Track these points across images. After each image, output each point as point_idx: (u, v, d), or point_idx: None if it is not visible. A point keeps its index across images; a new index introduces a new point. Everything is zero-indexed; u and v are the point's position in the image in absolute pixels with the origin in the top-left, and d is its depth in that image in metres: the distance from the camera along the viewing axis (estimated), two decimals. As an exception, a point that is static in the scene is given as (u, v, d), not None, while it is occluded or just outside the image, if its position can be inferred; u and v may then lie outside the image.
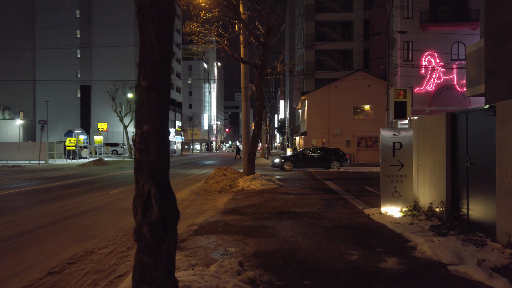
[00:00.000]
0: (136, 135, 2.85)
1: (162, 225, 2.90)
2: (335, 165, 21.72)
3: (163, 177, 2.92)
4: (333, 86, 31.56)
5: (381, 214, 7.32)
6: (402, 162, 7.36)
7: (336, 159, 21.82)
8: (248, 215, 7.87)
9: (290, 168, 21.45)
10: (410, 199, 7.39)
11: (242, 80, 15.18)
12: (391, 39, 20.94)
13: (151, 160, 2.82)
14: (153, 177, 2.83)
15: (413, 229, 5.91)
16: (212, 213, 8.30)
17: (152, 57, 2.68)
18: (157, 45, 2.67)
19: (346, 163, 22.29)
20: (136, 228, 2.94)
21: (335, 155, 22.10)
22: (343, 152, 22.97)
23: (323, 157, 22.07)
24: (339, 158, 21.93)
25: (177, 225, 3.10)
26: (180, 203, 10.05)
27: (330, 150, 22.93)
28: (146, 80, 2.71)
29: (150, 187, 2.83)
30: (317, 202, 9.47)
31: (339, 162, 21.82)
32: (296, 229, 6.34)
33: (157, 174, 2.85)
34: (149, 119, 2.75)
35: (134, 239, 2.98)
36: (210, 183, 12.92)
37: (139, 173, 2.88)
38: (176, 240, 3.07)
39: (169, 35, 2.75)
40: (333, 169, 21.31)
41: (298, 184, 13.86)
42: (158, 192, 2.84)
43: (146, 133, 2.77)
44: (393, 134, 7.40)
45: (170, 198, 2.97)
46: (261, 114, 13.82)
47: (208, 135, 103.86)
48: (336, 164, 21.75)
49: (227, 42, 13.86)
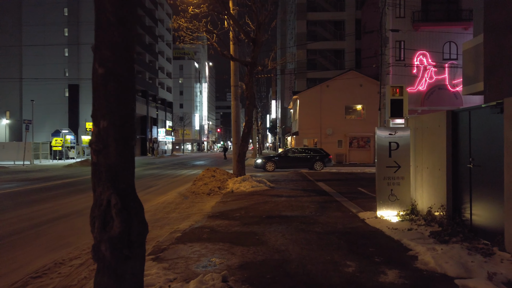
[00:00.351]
0: (92, 133, 2.37)
1: (126, 241, 2.41)
2: (318, 166, 21.31)
3: (127, 184, 2.44)
4: (325, 86, 31.22)
5: (377, 219, 6.90)
6: (399, 163, 6.96)
7: (319, 159, 21.42)
8: (236, 219, 7.41)
9: (272, 169, 20.99)
10: (407, 203, 6.99)
11: (232, 78, 14.71)
12: (384, 37, 20.60)
13: (110, 163, 2.34)
14: (113, 183, 2.35)
15: (412, 236, 5.50)
16: (198, 218, 7.81)
17: (110, 38, 2.20)
18: (115, 24, 2.19)
19: (329, 164, 21.91)
20: (94, 245, 2.46)
21: (319, 155, 21.70)
22: (326, 152, 22.64)
23: (306, 157, 21.64)
24: (322, 158, 21.53)
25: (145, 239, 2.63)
26: (165, 207, 9.55)
27: (314, 150, 22.54)
28: (102, 66, 2.23)
29: (109, 196, 2.35)
30: (310, 205, 9.03)
31: (322, 163, 21.41)
32: (287, 236, 5.89)
33: (118, 180, 2.37)
34: (108, 114, 2.27)
35: (93, 259, 2.50)
36: (198, 185, 12.42)
37: (96, 179, 2.39)
38: (143, 258, 2.59)
39: (131, 11, 2.27)
40: (316, 170, 20.89)
41: (289, 185, 13.42)
42: (120, 201, 2.36)
43: (104, 131, 2.29)
44: (390, 133, 7.00)
45: (136, 208, 2.49)
46: (251, 114, 13.36)
47: (200, 135, 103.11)
48: (319, 165, 21.34)
49: (216, 38, 13.38)
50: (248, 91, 13.07)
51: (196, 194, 11.72)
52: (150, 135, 58.41)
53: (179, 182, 15.98)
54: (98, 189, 2.38)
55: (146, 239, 6.19)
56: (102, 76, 2.22)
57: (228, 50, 14.08)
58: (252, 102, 13.18)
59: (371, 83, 30.44)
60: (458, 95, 29.45)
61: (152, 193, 12.51)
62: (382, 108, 20.94)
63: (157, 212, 8.77)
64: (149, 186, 14.49)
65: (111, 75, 2.22)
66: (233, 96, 14.46)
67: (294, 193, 11.21)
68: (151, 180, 16.70)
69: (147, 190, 13.25)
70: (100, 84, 2.23)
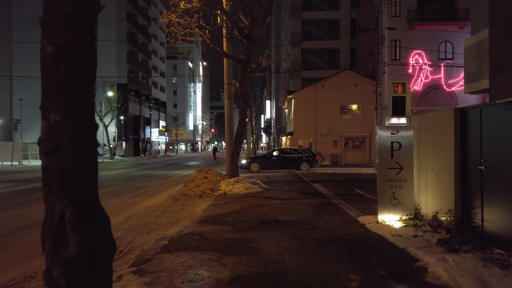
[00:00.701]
0: (42, 129, 1.90)
1: (86, 263, 1.93)
2: (304, 167, 20.89)
3: (87, 192, 1.96)
4: (320, 85, 30.84)
5: (378, 224, 6.47)
6: (402, 165, 6.53)
7: (305, 160, 21.00)
8: (228, 224, 6.94)
9: (256, 170, 20.59)
10: (410, 207, 6.56)
11: (225, 76, 14.24)
12: (381, 35, 20.24)
13: (64, 167, 1.86)
14: (68, 193, 1.87)
15: (418, 243, 5.07)
16: (188, 222, 7.33)
17: (61, 7, 1.73)
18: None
19: (316, 165, 21.47)
20: (45, 270, 1.98)
21: (304, 156, 21.29)
22: (313, 153, 22.25)
23: (291, 158, 21.20)
24: (308, 159, 21.10)
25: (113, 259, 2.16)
26: (154, 210, 9.06)
27: (300, 151, 22.12)
28: (52, 44, 1.75)
29: (63, 208, 1.87)
30: (306, 208, 8.59)
31: (308, 164, 20.98)
32: (282, 244, 5.43)
33: (75, 189, 1.89)
34: (60, 105, 1.80)
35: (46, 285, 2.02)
36: (190, 187, 11.93)
37: (47, 187, 1.91)
38: (110, 283, 2.12)
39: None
40: (302, 171, 20.46)
41: (284, 187, 12.98)
42: (77, 215, 1.88)
43: (55, 126, 1.81)
44: (392, 133, 6.57)
45: (99, 223, 2.02)
46: (245, 112, 12.89)
47: (194, 136, 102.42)
48: (305, 166, 20.92)
49: (208, 35, 12.90)
50: (242, 89, 12.60)
51: (187, 196, 11.23)
52: (143, 135, 57.72)
53: (170, 184, 15.47)
54: (49, 200, 1.90)
55: (130, 247, 5.70)
56: (52, 57, 1.75)
57: (221, 48, 13.60)
58: (246, 101, 12.71)
59: (366, 83, 30.11)
60: (454, 95, 29.22)
61: (141, 195, 12.00)
62: (378, 108, 20.57)
63: (145, 216, 8.28)
64: (139, 188, 13.97)
65: (64, 55, 1.75)
66: (226, 94, 13.99)
67: (289, 196, 10.76)
68: (142, 182, 16.17)
69: (136, 192, 12.73)
70: (50, 67, 1.76)
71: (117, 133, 48.35)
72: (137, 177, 18.13)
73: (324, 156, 30.05)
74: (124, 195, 11.93)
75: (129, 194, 12.09)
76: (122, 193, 12.27)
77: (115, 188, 13.54)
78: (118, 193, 12.35)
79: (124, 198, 11.32)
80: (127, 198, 11.33)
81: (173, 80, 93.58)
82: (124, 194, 12.03)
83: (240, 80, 12.67)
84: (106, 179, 17.47)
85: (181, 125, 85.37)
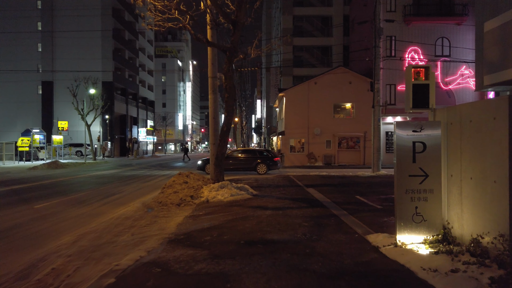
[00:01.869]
0: None
1: None
2: (261, 169, 19.44)
3: None
4: (313, 83, 29.43)
5: (397, 247, 5.02)
6: (426, 171, 5.09)
7: (262, 162, 19.55)
8: (204, 247, 5.43)
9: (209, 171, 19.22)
10: (437, 225, 5.12)
11: (209, 69, 12.70)
12: (378, 28, 18.87)
13: None
14: None
15: (464, 284, 3.62)
16: (154, 244, 5.81)
17: None
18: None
19: (275, 167, 20.03)
20: None
21: (262, 158, 19.86)
22: (273, 154, 20.86)
23: (248, 159, 19.72)
24: (265, 161, 19.65)
25: None
26: (119, 224, 7.50)
27: (258, 152, 20.69)
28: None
29: None
30: (302, 221, 7.11)
31: (266, 166, 19.50)
32: (273, 282, 3.95)
33: None
34: None
35: None
36: (167, 193, 10.38)
37: None
38: None
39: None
40: (260, 174, 19.01)
41: (275, 192, 11.49)
42: None
43: None
44: (413, 130, 5.12)
45: None
46: (231, 108, 11.36)
47: (183, 135, 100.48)
48: (262, 168, 19.45)
49: (190, 21, 11.36)
50: (227, 81, 11.08)
51: (163, 205, 9.68)
52: (130, 135, 55.78)
53: (149, 188, 13.88)
54: None
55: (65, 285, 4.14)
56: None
57: (204, 35, 12.07)
58: (232, 95, 11.18)
59: (360, 80, 28.80)
60: (450, 93, 28.08)
61: (111, 203, 10.40)
62: (376, 105, 19.22)
63: (104, 234, 6.72)
64: (112, 194, 12.36)
65: None
66: (211, 89, 12.45)
67: (281, 204, 9.28)
68: (117, 186, 14.54)
69: (106, 199, 11.12)
70: None
71: (102, 132, 46.41)
72: (114, 181, 16.48)
73: (317, 157, 28.66)
74: (90, 203, 10.32)
75: (97, 202, 10.49)
76: (89, 201, 10.65)
77: (83, 195, 11.92)
78: (84, 201, 10.73)
79: (89, 207, 9.72)
80: (93, 207, 9.73)
81: (162, 79, 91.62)
82: (91, 202, 10.42)
83: (225, 71, 11.16)
84: (79, 183, 15.80)
85: (170, 125, 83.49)
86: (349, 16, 39.46)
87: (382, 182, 14.70)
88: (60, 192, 12.65)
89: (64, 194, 12.11)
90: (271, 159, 19.84)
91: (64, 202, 10.37)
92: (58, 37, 49.46)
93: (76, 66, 45.46)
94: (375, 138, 19.06)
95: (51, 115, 49.02)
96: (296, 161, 28.82)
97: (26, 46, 49.97)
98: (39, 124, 47.57)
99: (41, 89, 50.52)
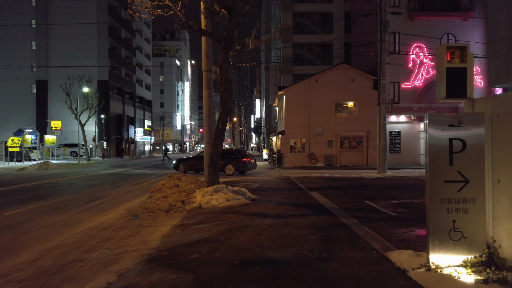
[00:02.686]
0: None
1: None
2: (229, 170, 18.83)
3: None
4: (314, 80, 28.38)
5: (430, 271, 3.98)
6: (467, 176, 4.05)
7: (229, 163, 18.87)
8: (190, 269, 4.39)
9: (182, 171, 19.05)
10: (480, 243, 4.09)
11: (203, 62, 11.66)
12: (384, 20, 17.85)
13: None
14: None
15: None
16: (130, 263, 4.76)
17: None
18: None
19: (244, 168, 19.23)
20: None
21: (231, 158, 19.07)
22: (242, 154, 19.89)
23: None
24: (234, 162, 18.95)
25: None
26: (94, 236, 6.45)
27: (228, 152, 19.67)
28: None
29: None
30: (307, 233, 6.07)
31: (234, 167, 18.90)
32: (275, 328, 2.91)
33: None
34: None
35: None
36: (155, 198, 9.33)
37: None
38: None
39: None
40: (229, 176, 18.19)
41: (276, 197, 10.44)
42: None
43: None
44: (450, 125, 4.09)
45: None
46: (226, 104, 10.30)
47: (181, 136, 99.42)
48: (230, 169, 18.84)
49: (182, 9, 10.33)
50: (223, 74, 10.04)
51: (150, 211, 8.62)
52: (126, 135, 54.71)
53: (138, 191, 12.82)
54: None
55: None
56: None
57: (198, 25, 11.03)
58: (228, 89, 10.13)
59: (363, 78, 27.77)
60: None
61: (92, 209, 9.34)
62: (381, 103, 18.20)
63: (74, 249, 5.67)
64: (97, 198, 11.30)
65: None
66: (205, 83, 11.41)
67: (282, 211, 8.23)
68: (105, 189, 13.49)
69: (88, 204, 10.06)
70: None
71: (97, 132, 45.31)
72: (103, 184, 15.42)
73: (318, 157, 27.62)
74: (69, 209, 9.26)
75: (77, 208, 9.43)
76: (68, 206, 9.60)
77: (64, 199, 10.86)
78: (63, 206, 9.68)
79: (67, 214, 8.66)
80: (71, 214, 8.68)
81: (160, 79, 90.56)
82: (71, 208, 9.37)
83: (221, 63, 10.12)
84: (65, 185, 14.74)
85: (168, 125, 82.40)
86: (350, 13, 38.43)
87: (390, 184, 13.67)
88: (40, 196, 11.58)
89: (43, 198, 11.05)
90: (239, 161, 19.10)
91: (40, 208, 9.32)
92: (53, 35, 48.38)
93: (71, 64, 44.37)
94: (380, 137, 18.03)
95: (46, 114, 47.88)
96: (297, 162, 27.77)
97: (20, 44, 48.90)
98: (34, 123, 46.50)
99: (35, 88, 49.44)
